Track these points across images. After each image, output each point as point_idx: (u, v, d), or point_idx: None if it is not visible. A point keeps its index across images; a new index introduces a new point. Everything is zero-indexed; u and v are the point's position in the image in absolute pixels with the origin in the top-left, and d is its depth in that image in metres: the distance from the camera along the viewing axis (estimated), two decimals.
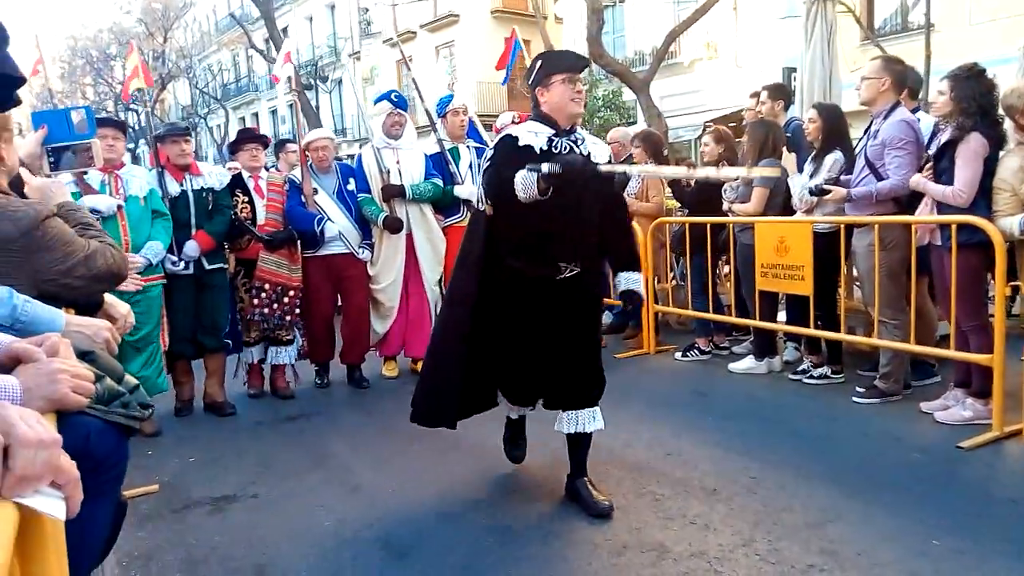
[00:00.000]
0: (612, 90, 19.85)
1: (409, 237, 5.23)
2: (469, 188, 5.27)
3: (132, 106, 28.32)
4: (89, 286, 2.06)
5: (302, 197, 5.03)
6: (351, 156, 8.89)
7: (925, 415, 3.95)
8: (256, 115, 37.07)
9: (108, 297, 2.24)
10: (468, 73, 23.45)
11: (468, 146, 5.53)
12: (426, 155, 5.37)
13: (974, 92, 3.62)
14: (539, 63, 3.00)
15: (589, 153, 2.99)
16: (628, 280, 3.16)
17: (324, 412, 4.81)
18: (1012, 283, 3.94)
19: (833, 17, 6.71)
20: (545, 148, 2.90)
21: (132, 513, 3.07)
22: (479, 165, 5.33)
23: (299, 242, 5.03)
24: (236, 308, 5.01)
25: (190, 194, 4.63)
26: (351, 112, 29.60)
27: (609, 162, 3.02)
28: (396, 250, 5.21)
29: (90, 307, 2.16)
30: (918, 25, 13.52)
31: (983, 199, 3.66)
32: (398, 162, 5.22)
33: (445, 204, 5.35)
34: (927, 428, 3.80)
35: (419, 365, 5.24)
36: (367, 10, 28.84)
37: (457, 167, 5.39)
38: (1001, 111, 3.67)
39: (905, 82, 4.25)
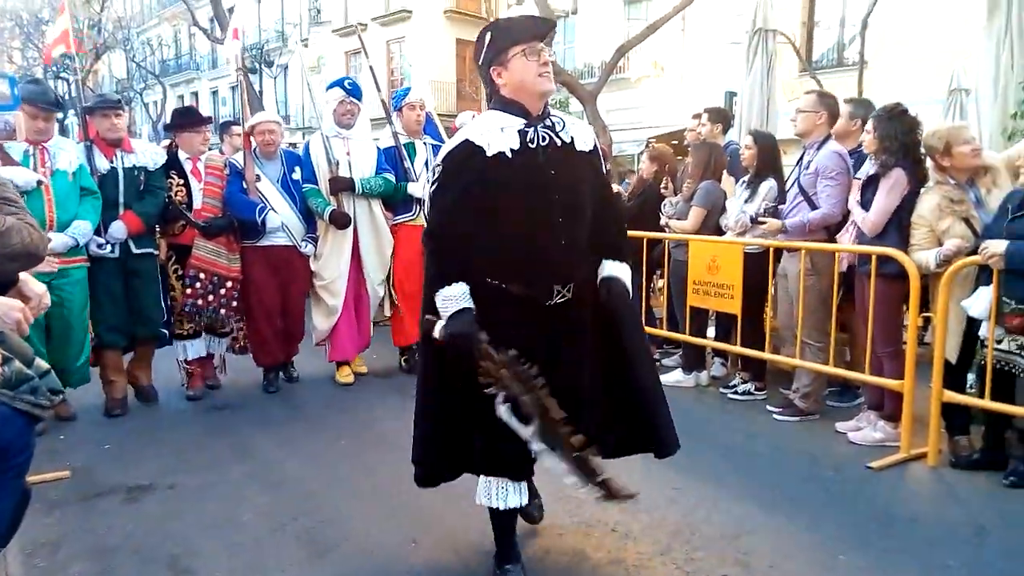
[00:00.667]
0: (560, 100, 20.04)
1: (355, 233, 5.02)
2: (424, 186, 5.12)
3: (62, 75, 27.07)
4: (1, 264, 1.97)
5: (243, 183, 4.77)
6: (294, 144, 8.69)
7: (840, 435, 4.13)
8: (196, 94, 35.95)
9: (24, 275, 2.14)
10: (418, 70, 23.30)
11: (424, 142, 5.34)
12: (379, 148, 5.18)
13: (896, 131, 3.82)
14: (488, 36, 2.39)
15: (572, 139, 2.43)
16: (609, 268, 2.53)
17: (250, 404, 4.71)
18: (924, 314, 4.14)
19: (774, 48, 6.97)
20: (517, 147, 2.32)
21: (40, 499, 2.96)
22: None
23: (238, 231, 4.76)
24: (167, 297, 4.73)
25: (120, 172, 4.39)
26: (295, 99, 29.02)
27: (594, 148, 2.51)
28: (341, 246, 4.98)
29: (2, 286, 2.06)
30: (853, 61, 14.15)
31: (902, 233, 3.86)
32: (348, 153, 5.00)
33: (396, 201, 5.16)
34: (841, 447, 3.98)
35: (342, 369, 5.18)
36: None
37: (412, 163, 5.18)
38: (923, 150, 3.88)
39: (837, 115, 4.45)
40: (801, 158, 4.47)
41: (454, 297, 2.29)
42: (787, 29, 11.73)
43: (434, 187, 2.39)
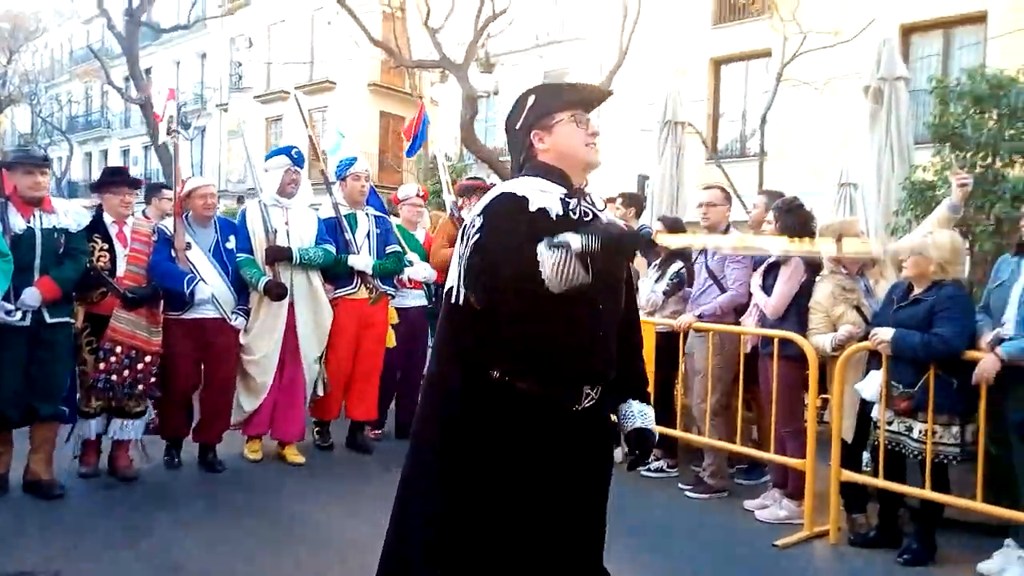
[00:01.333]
0: (482, 177, 20.50)
1: (291, 307, 4.75)
2: (365, 259, 4.98)
3: None
4: None
5: (172, 251, 4.47)
6: None
7: (749, 512, 4.25)
8: (105, 153, 34.82)
9: None
10: (351, 140, 23.42)
11: (367, 213, 5.18)
12: (319, 218, 5.01)
13: (793, 223, 4.12)
14: (532, 98, 2.15)
15: (594, 215, 2.12)
16: (639, 415, 2.25)
17: (149, 480, 4.44)
18: (823, 395, 4.37)
19: (682, 137, 7.42)
20: (561, 214, 2.02)
21: None
22: (378, 235, 5.13)
23: (163, 301, 4.42)
24: (76, 371, 4.30)
25: (38, 233, 4.00)
26: (212, 163, 28.51)
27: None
28: (275, 320, 4.72)
29: None
30: (754, 152, 15.15)
31: (800, 317, 4.10)
32: (287, 223, 4.82)
33: (336, 273, 4.96)
34: (750, 524, 4.08)
35: (287, 450, 4.88)
36: (239, 64, 28.33)
37: (353, 235, 5.02)
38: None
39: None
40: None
41: (551, 249, 1.86)
42: (695, 120, 12.51)
43: (475, 242, 1.97)
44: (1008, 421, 3.37)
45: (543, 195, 2.03)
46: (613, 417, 2.24)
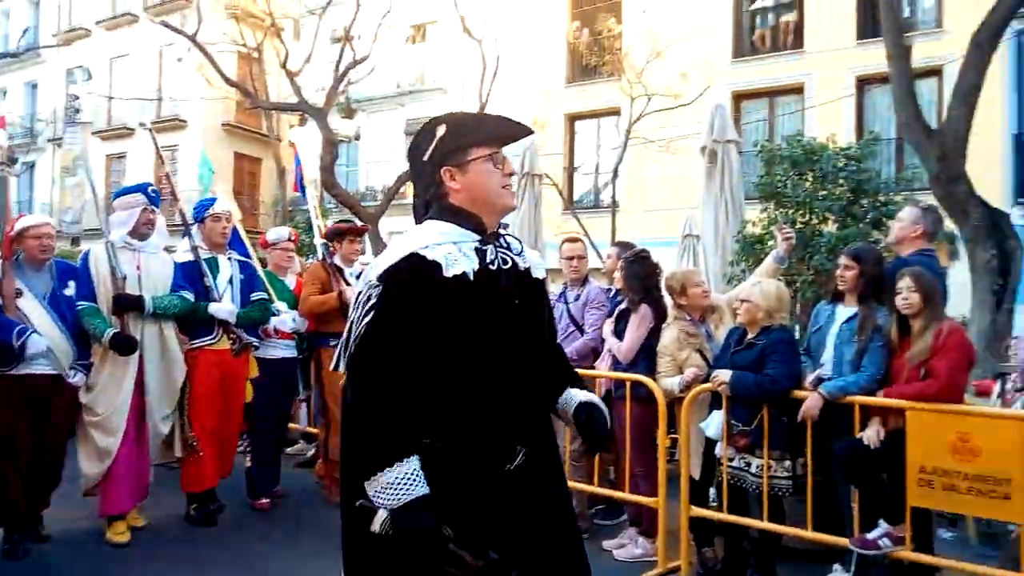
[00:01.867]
0: (350, 219, 20.20)
1: (141, 360, 4.27)
2: (228, 306, 4.59)
3: None
4: None
5: None
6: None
7: (608, 552, 4.37)
8: None
9: None
10: (191, 178, 22.34)
11: (230, 257, 4.80)
12: (176, 263, 4.60)
13: (639, 273, 4.41)
14: (442, 128, 1.91)
15: (528, 267, 2.00)
16: (580, 394, 2.11)
17: None
18: (672, 435, 4.60)
19: (539, 188, 7.73)
20: (478, 267, 1.85)
21: None
22: (242, 280, 4.76)
23: None
24: None
25: None
26: (43, 201, 26.22)
27: (546, 278, 2.11)
28: (122, 374, 4.22)
29: None
30: (607, 204, 15.97)
31: (650, 361, 4.34)
32: (139, 267, 4.35)
33: (194, 322, 4.51)
34: (608, 563, 4.19)
35: (115, 526, 4.21)
36: (76, 97, 26.46)
37: (214, 281, 4.61)
38: (664, 289, 4.46)
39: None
40: (563, 293, 4.95)
41: (404, 482, 1.69)
42: (552, 172, 13.04)
43: (369, 318, 1.77)
44: (831, 454, 3.71)
45: (457, 251, 1.84)
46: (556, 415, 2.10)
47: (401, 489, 1.68)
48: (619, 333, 4.46)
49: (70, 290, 4.23)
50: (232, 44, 17.58)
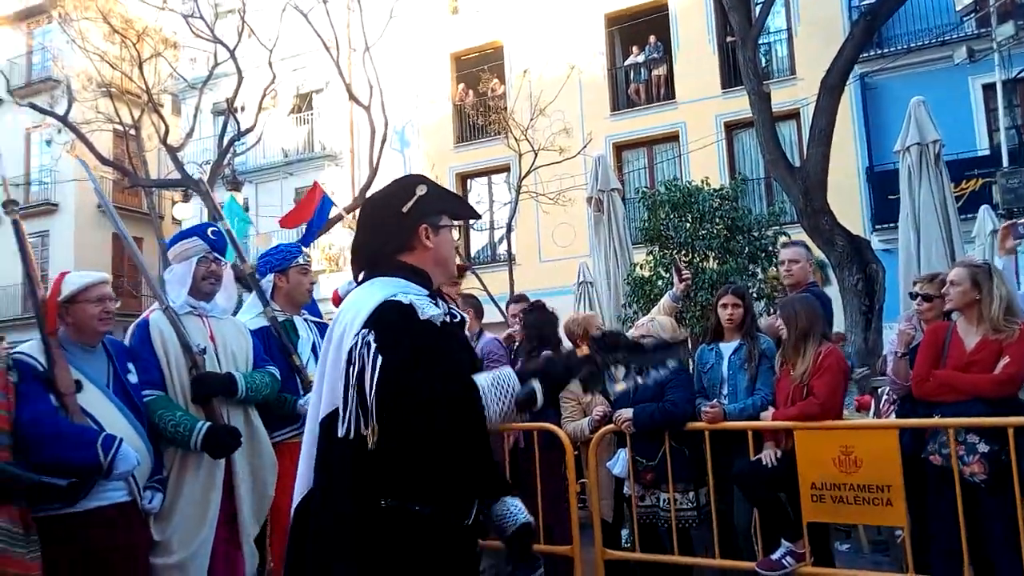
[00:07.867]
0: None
1: (228, 464, 3.06)
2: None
3: None
4: None
5: (52, 397, 2.68)
6: None
7: None
8: None
9: None
10: (62, 266, 21.10)
11: (305, 319, 3.74)
12: (250, 331, 3.44)
13: (537, 322, 4.49)
14: (424, 189, 2.00)
15: (461, 318, 2.06)
16: (517, 510, 2.12)
17: None
18: (581, 480, 4.63)
19: None
20: (443, 316, 1.96)
21: None
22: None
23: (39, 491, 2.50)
24: None
25: None
26: None
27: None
28: (207, 489, 2.99)
29: None
30: (504, 258, 16.22)
31: (556, 408, 4.38)
32: (212, 338, 3.19)
33: (280, 410, 3.35)
34: None
35: None
36: None
37: (296, 349, 3.51)
38: (563, 334, 4.56)
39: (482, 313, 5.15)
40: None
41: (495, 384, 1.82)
42: None
43: (380, 360, 1.76)
44: (731, 476, 3.83)
45: (424, 303, 1.91)
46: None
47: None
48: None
49: (133, 375, 2.98)
50: (108, 122, 16.99)
